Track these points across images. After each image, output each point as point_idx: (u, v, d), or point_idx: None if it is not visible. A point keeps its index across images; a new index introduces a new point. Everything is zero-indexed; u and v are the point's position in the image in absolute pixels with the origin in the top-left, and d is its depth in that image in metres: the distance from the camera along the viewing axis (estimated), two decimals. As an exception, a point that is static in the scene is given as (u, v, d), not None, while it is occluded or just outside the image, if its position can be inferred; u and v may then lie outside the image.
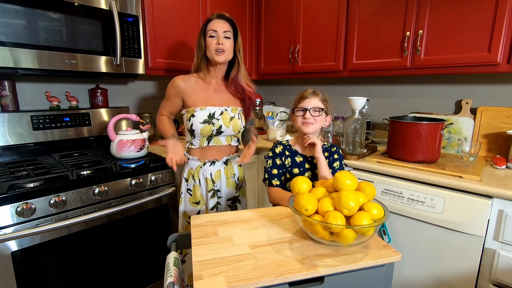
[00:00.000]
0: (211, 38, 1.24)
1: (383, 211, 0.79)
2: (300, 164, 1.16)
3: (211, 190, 1.34)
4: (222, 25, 1.24)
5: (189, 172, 1.36)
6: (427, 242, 1.34)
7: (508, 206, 1.14)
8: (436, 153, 1.44)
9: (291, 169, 1.16)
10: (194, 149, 1.35)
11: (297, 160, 1.17)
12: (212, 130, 1.28)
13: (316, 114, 1.12)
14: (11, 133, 1.50)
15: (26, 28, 1.29)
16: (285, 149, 1.19)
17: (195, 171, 1.34)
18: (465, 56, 1.42)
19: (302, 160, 1.17)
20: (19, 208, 1.11)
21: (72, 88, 1.80)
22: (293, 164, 1.16)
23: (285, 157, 1.18)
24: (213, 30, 1.23)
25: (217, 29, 1.23)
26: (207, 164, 1.33)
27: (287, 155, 1.18)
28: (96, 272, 1.36)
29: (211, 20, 1.25)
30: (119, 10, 1.55)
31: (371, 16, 1.71)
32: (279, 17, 2.18)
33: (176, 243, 0.93)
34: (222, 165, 1.36)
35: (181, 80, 1.30)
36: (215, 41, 1.23)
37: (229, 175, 1.38)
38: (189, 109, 1.30)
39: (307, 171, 1.16)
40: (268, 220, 0.95)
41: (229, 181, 1.38)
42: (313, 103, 1.12)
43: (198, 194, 1.35)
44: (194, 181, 1.34)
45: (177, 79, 1.31)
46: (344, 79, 2.20)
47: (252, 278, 0.66)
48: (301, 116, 1.12)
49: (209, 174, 1.34)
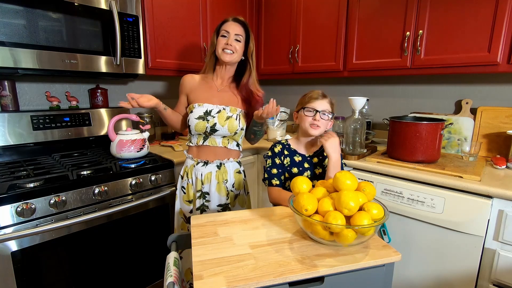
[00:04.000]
0: (222, 37, 1.27)
1: (383, 211, 0.79)
2: (299, 164, 1.16)
3: (199, 191, 1.33)
4: (235, 27, 1.27)
5: (185, 170, 1.38)
6: (427, 242, 1.34)
7: (508, 206, 1.14)
8: (436, 153, 1.44)
9: (290, 169, 1.16)
10: (192, 147, 1.36)
11: (296, 160, 1.17)
12: (206, 127, 1.28)
13: (325, 118, 1.11)
14: (11, 133, 1.50)
15: (26, 28, 1.30)
16: (284, 148, 1.19)
17: (189, 169, 1.35)
18: (465, 56, 1.42)
19: (301, 160, 1.17)
20: (19, 208, 1.11)
21: (72, 88, 1.80)
22: (292, 163, 1.16)
23: (284, 156, 1.17)
24: (225, 31, 1.27)
25: (230, 30, 1.26)
26: (200, 164, 1.33)
27: (286, 155, 1.17)
28: (96, 272, 1.36)
29: (227, 21, 1.29)
30: (119, 10, 1.55)
31: (371, 16, 1.71)
32: (279, 17, 2.18)
33: (176, 243, 0.93)
34: (214, 168, 1.32)
35: (187, 77, 1.38)
36: (224, 41, 1.26)
37: (221, 180, 1.33)
38: (190, 106, 1.33)
39: (306, 170, 1.15)
40: (268, 220, 0.95)
41: (220, 186, 1.33)
42: (323, 105, 1.11)
43: (191, 193, 1.36)
44: (188, 179, 1.35)
45: (184, 76, 1.38)
46: (344, 79, 2.20)
47: (252, 278, 0.66)
48: (311, 117, 1.10)
49: (200, 174, 1.33)
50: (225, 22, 1.29)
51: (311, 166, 1.16)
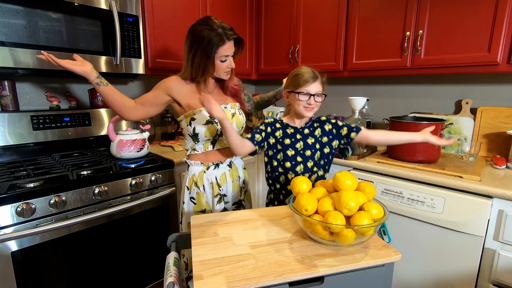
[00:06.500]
0: (222, 62, 1.18)
1: (383, 211, 0.79)
2: (292, 135, 1.17)
3: (217, 195, 1.27)
4: (232, 46, 1.18)
5: (191, 180, 1.27)
6: (427, 242, 1.34)
7: (508, 206, 1.14)
8: (436, 153, 1.44)
9: (283, 140, 1.16)
10: (197, 154, 1.27)
11: (288, 132, 1.17)
12: (217, 130, 1.24)
13: (319, 99, 1.12)
14: (11, 133, 1.50)
15: (26, 28, 1.30)
16: (276, 122, 1.20)
17: (198, 177, 1.26)
18: (465, 56, 1.42)
19: (293, 132, 1.17)
20: (19, 208, 1.11)
21: (72, 88, 1.80)
22: (285, 135, 1.17)
23: (276, 129, 1.18)
24: (225, 56, 1.17)
25: (228, 53, 1.17)
26: (211, 168, 1.26)
27: (278, 128, 1.18)
28: (96, 272, 1.36)
29: (223, 45, 1.14)
30: (119, 10, 1.55)
31: (371, 16, 1.71)
32: (279, 17, 2.18)
33: (176, 243, 0.93)
34: (226, 167, 1.30)
35: (176, 80, 1.23)
36: (226, 65, 1.19)
37: (235, 178, 1.32)
38: (186, 114, 1.23)
39: (298, 141, 1.16)
40: (268, 220, 0.95)
41: (235, 184, 1.32)
42: (316, 87, 1.10)
43: (203, 202, 1.27)
44: (198, 188, 1.26)
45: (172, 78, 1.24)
46: (344, 79, 2.20)
47: (252, 278, 0.66)
48: (305, 100, 1.10)
49: (214, 178, 1.27)
50: (221, 46, 1.14)
51: (303, 137, 1.17)
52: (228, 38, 1.14)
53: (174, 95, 1.23)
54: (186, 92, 1.23)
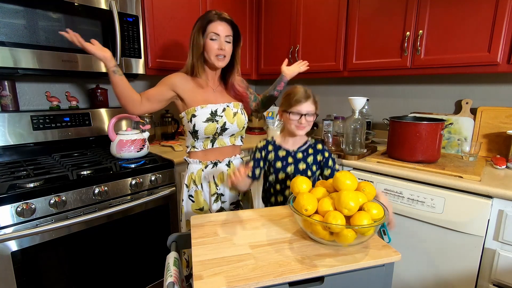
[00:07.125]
0: (212, 41, 1.18)
1: (383, 211, 0.79)
2: (283, 158, 1.18)
3: (214, 194, 1.28)
4: (224, 28, 1.18)
5: (190, 177, 1.28)
6: (427, 242, 1.34)
7: (508, 206, 1.14)
8: (436, 153, 1.44)
9: (274, 163, 1.18)
10: (196, 152, 1.28)
11: (280, 155, 1.19)
12: (217, 128, 1.24)
13: (311, 119, 1.14)
14: (11, 133, 1.50)
15: (26, 28, 1.30)
16: (268, 144, 1.21)
17: (196, 175, 1.27)
18: (465, 56, 1.42)
19: (285, 155, 1.18)
20: (19, 208, 1.11)
21: (72, 88, 1.80)
22: (276, 158, 1.18)
23: (268, 152, 1.20)
24: (214, 33, 1.17)
25: (219, 32, 1.17)
26: (209, 166, 1.28)
27: (270, 150, 1.20)
28: (96, 272, 1.36)
29: (213, 21, 1.17)
30: (119, 10, 1.55)
31: (371, 16, 1.71)
32: (279, 17, 2.18)
33: (176, 243, 0.94)
34: (224, 166, 1.31)
35: (180, 76, 1.25)
36: (216, 45, 1.18)
37: None
38: (188, 110, 1.23)
39: (289, 165, 1.17)
40: (268, 220, 0.95)
41: None
42: (308, 107, 1.12)
43: (201, 200, 1.28)
44: (196, 186, 1.27)
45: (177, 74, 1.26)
46: (344, 79, 2.20)
47: (252, 278, 0.66)
48: (296, 120, 1.12)
49: (211, 177, 1.28)
50: (212, 22, 1.17)
51: (295, 161, 1.18)
52: (220, 18, 1.19)
53: (178, 91, 1.24)
54: (190, 88, 1.25)
